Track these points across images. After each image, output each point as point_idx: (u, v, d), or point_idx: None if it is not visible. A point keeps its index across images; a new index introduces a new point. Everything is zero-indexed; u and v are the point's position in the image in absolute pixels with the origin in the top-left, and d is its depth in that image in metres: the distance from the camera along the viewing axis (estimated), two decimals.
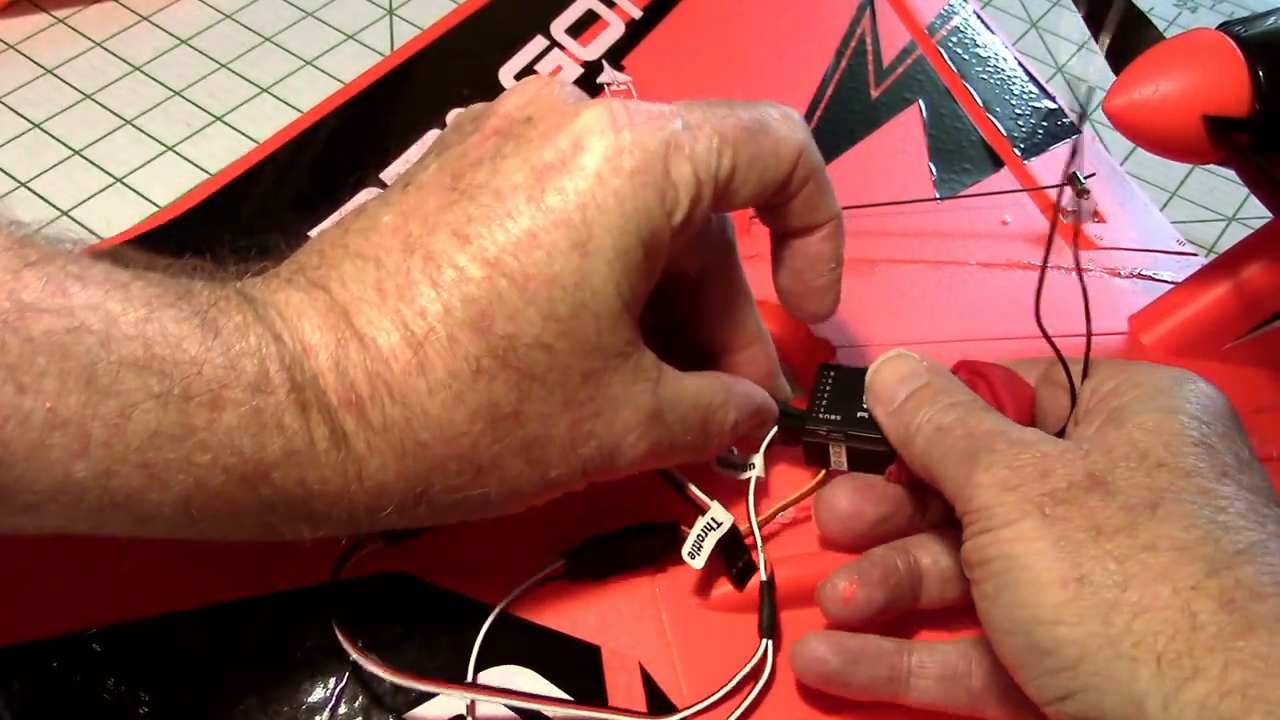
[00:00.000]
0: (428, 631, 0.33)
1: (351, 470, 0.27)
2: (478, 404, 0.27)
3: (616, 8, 0.57)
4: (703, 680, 0.33)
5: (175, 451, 0.24)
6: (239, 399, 0.25)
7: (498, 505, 0.30)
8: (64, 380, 0.23)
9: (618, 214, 0.28)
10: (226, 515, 0.26)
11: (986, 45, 0.61)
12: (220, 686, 0.31)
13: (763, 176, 0.31)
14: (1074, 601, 0.25)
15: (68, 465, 0.23)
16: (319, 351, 0.26)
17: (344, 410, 0.26)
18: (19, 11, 0.83)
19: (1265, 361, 0.46)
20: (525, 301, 0.27)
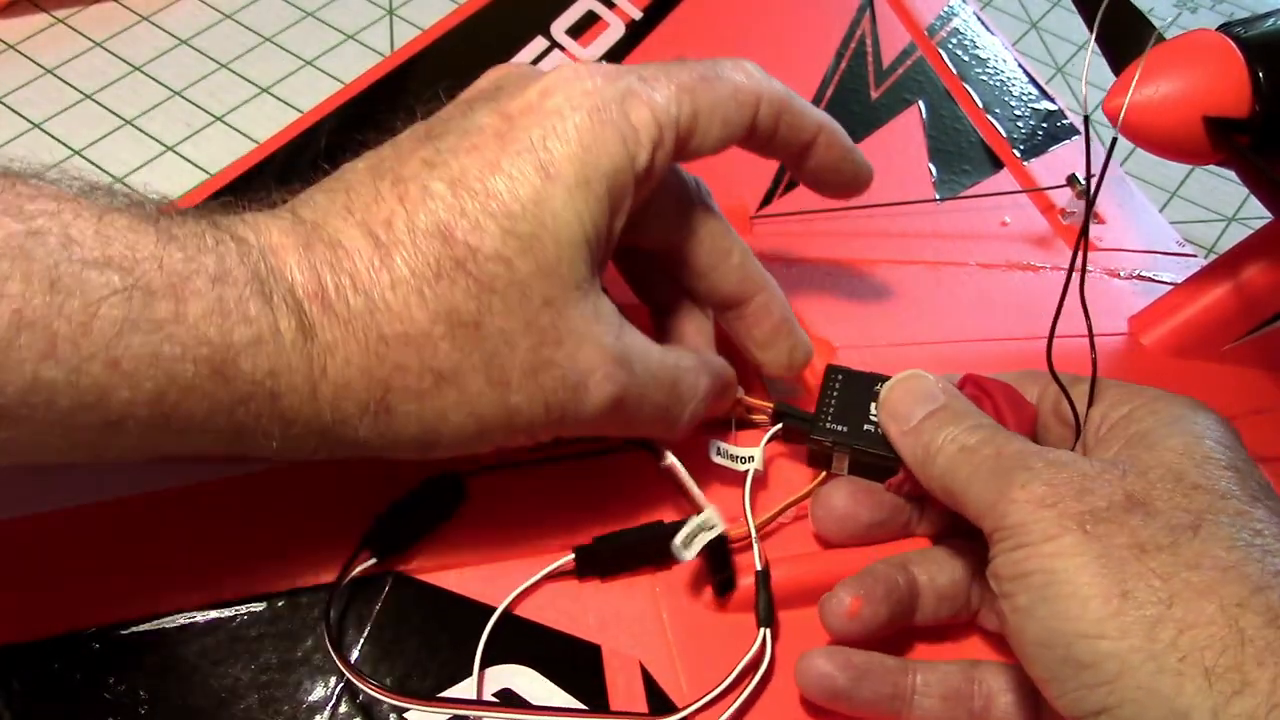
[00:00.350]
0: (428, 632, 0.33)
1: (318, 364, 0.27)
2: (438, 306, 0.28)
3: (616, 9, 0.57)
4: (703, 680, 0.33)
5: (143, 346, 0.25)
6: (201, 290, 0.26)
7: (459, 431, 0.29)
8: (28, 282, 0.23)
9: (579, 146, 0.29)
10: (199, 416, 0.26)
11: (986, 46, 0.61)
12: (220, 686, 0.31)
13: (726, 120, 0.33)
14: (1117, 616, 0.26)
15: (36, 366, 0.23)
16: (283, 251, 0.28)
17: (309, 301, 0.27)
18: (19, 11, 0.83)
19: (1265, 362, 0.46)
20: (487, 216, 0.28)
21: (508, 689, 0.32)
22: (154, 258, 0.25)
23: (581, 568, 0.34)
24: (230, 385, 0.26)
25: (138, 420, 0.25)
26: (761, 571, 0.34)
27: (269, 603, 0.33)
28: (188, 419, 0.26)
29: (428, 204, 0.28)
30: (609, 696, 0.33)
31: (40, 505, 0.33)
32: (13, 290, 0.23)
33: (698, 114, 0.32)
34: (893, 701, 0.32)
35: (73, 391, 0.24)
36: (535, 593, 0.34)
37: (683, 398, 0.33)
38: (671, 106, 0.31)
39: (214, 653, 0.32)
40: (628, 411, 0.32)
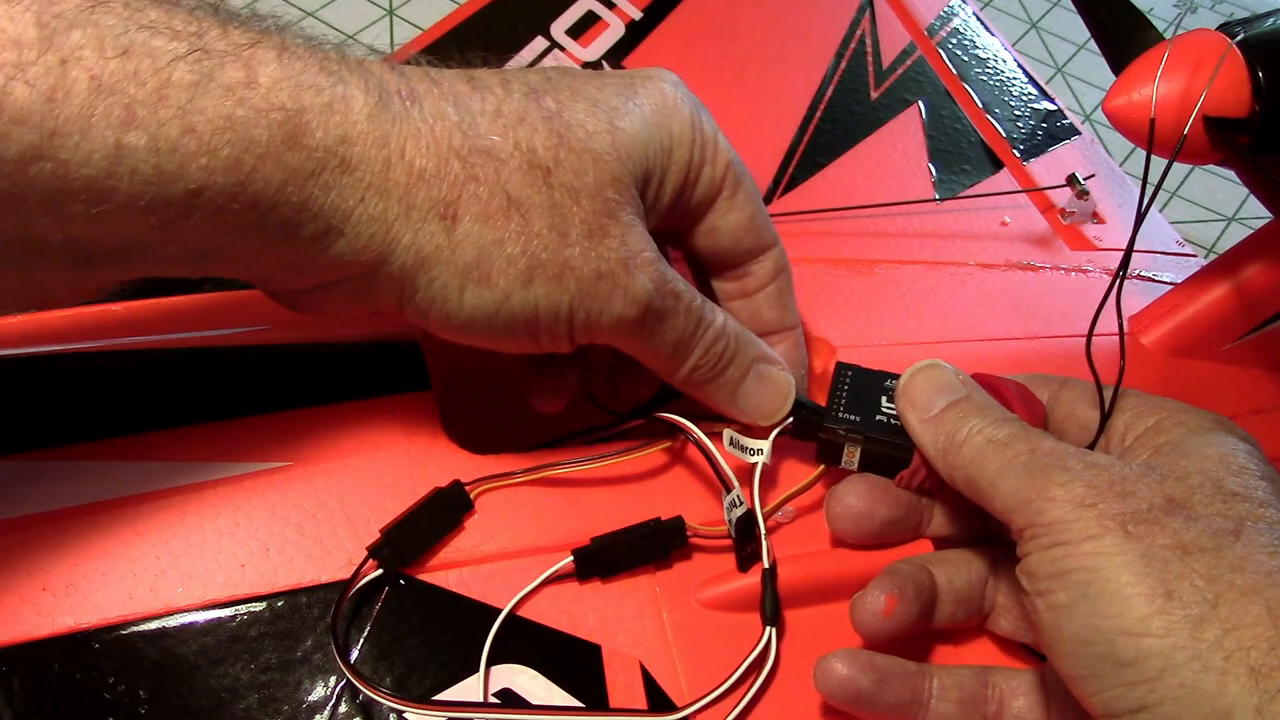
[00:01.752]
0: (429, 632, 0.33)
1: (396, 143, 0.28)
2: (519, 141, 0.30)
3: (616, 9, 0.57)
4: (703, 679, 0.33)
5: (216, 110, 0.25)
6: (268, 59, 0.26)
7: (512, 269, 0.30)
8: (101, 49, 0.24)
9: (658, 103, 0.32)
10: (274, 185, 0.26)
11: (986, 46, 0.61)
12: (220, 686, 0.31)
13: (754, 220, 0.35)
14: (1162, 614, 0.26)
15: (117, 132, 0.24)
16: (372, 62, 0.29)
17: (395, 94, 0.28)
18: None
19: (1265, 361, 0.46)
20: (577, 96, 0.31)
21: (508, 689, 0.32)
22: (219, 27, 0.26)
23: (581, 569, 0.34)
24: (303, 151, 0.27)
25: (216, 190, 0.26)
26: (769, 569, 0.34)
27: (269, 603, 0.33)
28: (262, 187, 0.26)
29: (523, 78, 0.31)
30: (609, 696, 0.32)
31: (40, 505, 0.33)
32: (88, 57, 0.24)
33: (739, 188, 0.34)
34: (911, 705, 0.32)
35: (153, 157, 0.25)
36: (536, 593, 0.34)
37: (702, 320, 0.34)
38: (730, 151, 0.34)
39: (214, 653, 0.32)
40: (665, 308, 0.32)
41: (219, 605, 0.32)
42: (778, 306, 0.36)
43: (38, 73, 0.23)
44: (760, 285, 0.36)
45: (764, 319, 0.37)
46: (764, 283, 0.36)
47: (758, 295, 0.36)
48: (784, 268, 0.36)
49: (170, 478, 0.34)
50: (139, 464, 0.34)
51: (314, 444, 0.35)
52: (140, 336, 0.37)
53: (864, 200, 0.50)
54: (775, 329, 0.37)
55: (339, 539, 0.34)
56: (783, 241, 0.37)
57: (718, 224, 0.34)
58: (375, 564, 0.33)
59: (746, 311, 0.37)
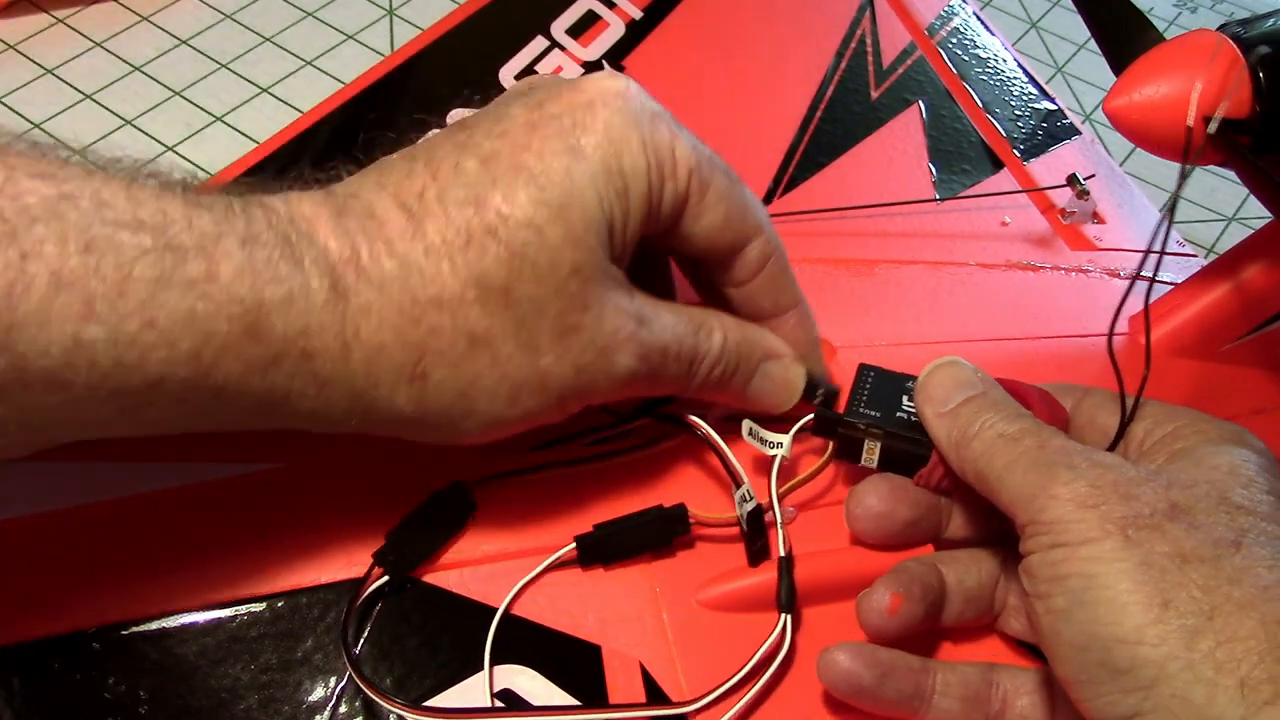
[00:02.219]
0: (429, 631, 0.33)
1: (351, 325, 0.28)
2: (469, 272, 0.29)
3: (617, 8, 0.57)
4: (703, 679, 0.33)
5: (178, 304, 0.25)
6: (231, 250, 0.26)
7: (493, 397, 0.30)
8: (63, 244, 0.24)
9: (606, 139, 0.30)
10: (235, 375, 0.27)
11: (986, 46, 0.61)
12: (220, 686, 0.31)
13: (727, 216, 0.33)
14: (1157, 624, 0.26)
15: (77, 326, 0.24)
16: (316, 220, 0.28)
17: (343, 266, 0.28)
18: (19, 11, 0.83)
19: (1265, 361, 0.46)
20: (517, 186, 0.29)
21: (508, 689, 0.32)
22: (184, 218, 0.26)
23: (584, 556, 0.34)
24: (263, 344, 0.27)
25: (176, 381, 0.26)
26: (784, 558, 0.34)
27: (269, 603, 0.33)
28: (224, 379, 0.27)
29: (459, 177, 0.29)
30: (609, 696, 0.33)
31: (40, 505, 0.33)
32: (49, 252, 0.24)
33: (707, 190, 0.33)
34: (913, 700, 0.32)
35: (113, 351, 0.25)
36: (536, 593, 0.34)
37: (699, 346, 0.34)
38: (693, 154, 0.32)
39: (214, 653, 0.32)
40: (652, 367, 0.32)
41: (219, 605, 0.32)
42: (772, 291, 0.36)
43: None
44: (750, 275, 0.36)
45: (761, 305, 0.36)
46: (753, 272, 0.36)
47: (750, 285, 0.36)
48: (772, 253, 0.36)
49: (170, 478, 0.34)
50: (139, 464, 0.34)
51: (313, 444, 0.35)
52: None
53: (864, 200, 0.50)
54: (775, 312, 0.37)
55: (339, 539, 0.34)
56: (783, 242, 0.37)
57: (690, 230, 0.33)
58: (381, 570, 0.33)
59: (743, 298, 0.36)
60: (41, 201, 0.24)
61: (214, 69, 0.81)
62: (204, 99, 0.79)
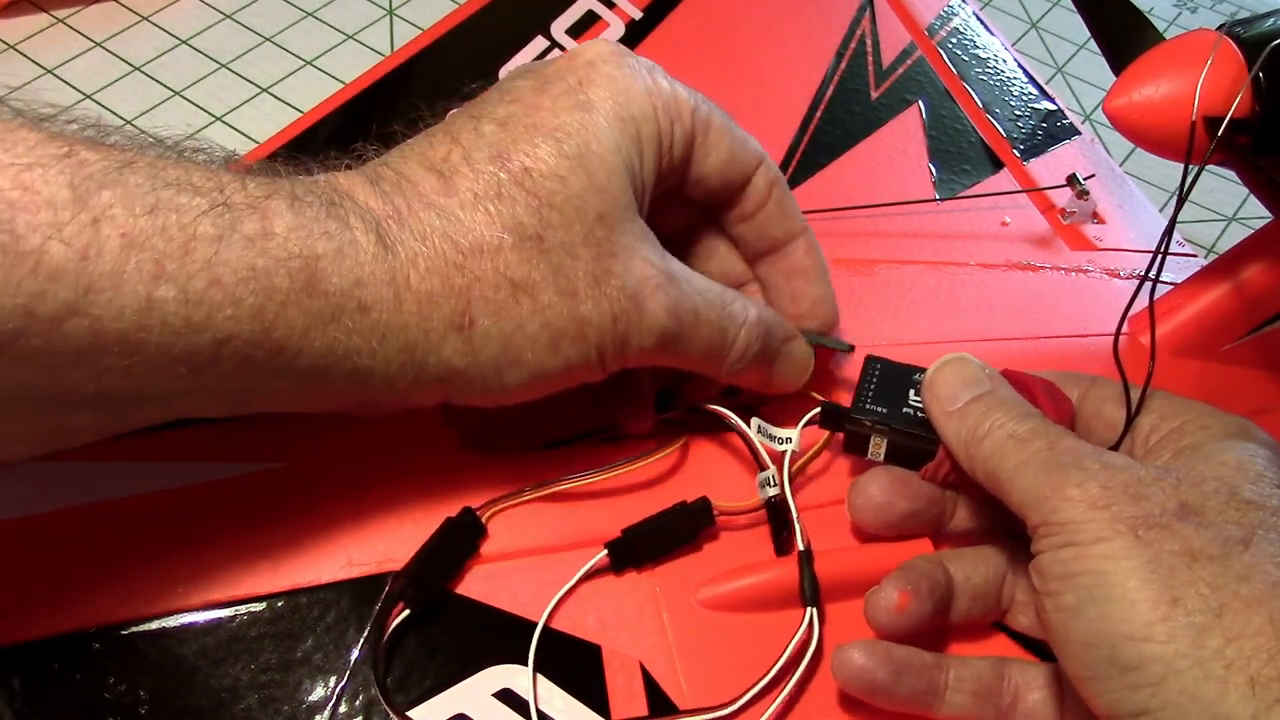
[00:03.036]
0: (431, 632, 0.33)
1: (400, 275, 0.29)
2: (504, 220, 0.30)
3: (616, 8, 0.57)
4: (703, 679, 0.33)
5: (239, 260, 0.26)
6: (281, 210, 0.28)
7: (535, 344, 0.31)
8: (130, 207, 0.25)
9: (611, 90, 0.32)
10: (298, 330, 0.28)
11: (986, 46, 0.61)
12: (220, 686, 0.31)
13: (732, 153, 0.35)
14: (1165, 621, 0.26)
15: (148, 286, 0.25)
16: (352, 187, 0.30)
17: (385, 221, 0.29)
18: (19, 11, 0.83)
19: (1265, 361, 0.46)
20: (537, 140, 0.31)
21: (508, 689, 0.32)
22: (236, 181, 0.27)
23: (616, 561, 0.34)
24: (321, 297, 0.28)
25: (242, 339, 0.27)
26: (804, 552, 0.34)
27: (269, 603, 0.33)
28: (286, 335, 0.27)
29: (480, 139, 0.31)
30: (609, 696, 0.33)
31: (40, 505, 0.33)
32: (118, 215, 0.25)
33: (710, 127, 0.34)
34: (926, 696, 0.32)
35: (183, 309, 0.26)
36: (536, 593, 0.34)
37: (733, 320, 0.34)
38: (690, 97, 0.34)
39: (214, 653, 0.32)
40: (684, 329, 0.33)
41: (219, 605, 0.32)
42: (781, 217, 0.37)
43: (72, 232, 0.24)
44: (758, 205, 0.36)
45: (771, 235, 0.37)
46: (761, 202, 0.36)
47: (758, 215, 0.37)
48: (776, 179, 0.37)
49: (170, 478, 0.34)
50: (139, 464, 0.34)
51: (313, 444, 0.35)
52: None
53: (864, 200, 0.50)
54: (787, 239, 0.37)
55: (339, 539, 0.34)
56: None
57: (701, 168, 0.34)
58: (403, 605, 0.33)
59: (753, 232, 0.37)
60: (104, 169, 0.25)
61: (214, 69, 0.81)
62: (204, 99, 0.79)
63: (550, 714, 0.32)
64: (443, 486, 0.35)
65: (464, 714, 0.32)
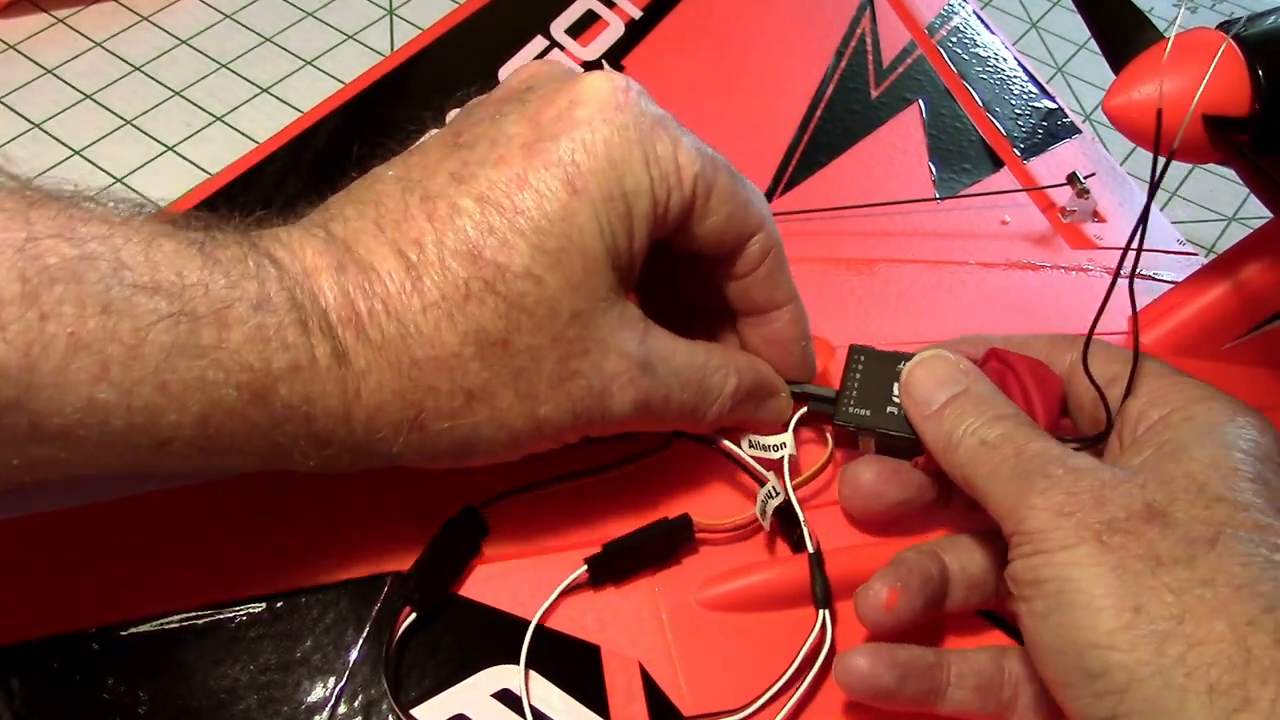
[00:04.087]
0: (431, 632, 0.33)
1: (351, 387, 0.28)
2: (467, 327, 0.29)
3: (616, 8, 0.57)
4: (702, 679, 0.33)
5: (189, 370, 0.26)
6: (244, 317, 0.26)
7: (492, 443, 0.30)
8: (81, 306, 0.24)
9: (605, 161, 0.29)
10: (240, 435, 0.27)
11: (986, 45, 0.61)
12: (220, 687, 0.31)
13: (731, 217, 0.33)
14: (1128, 629, 0.26)
15: (91, 388, 0.24)
16: (318, 274, 0.28)
17: (343, 327, 0.28)
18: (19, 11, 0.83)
19: (1265, 361, 0.46)
20: (515, 234, 0.29)
21: (507, 689, 0.32)
22: (200, 284, 0.26)
23: (595, 576, 0.34)
24: (268, 410, 0.27)
25: (184, 441, 0.26)
26: (814, 554, 0.34)
27: (268, 603, 0.33)
28: (229, 440, 0.27)
29: (456, 222, 0.29)
30: (608, 697, 0.33)
31: (40, 505, 0.33)
32: (68, 313, 0.24)
33: (712, 192, 0.32)
34: (928, 695, 0.32)
35: (125, 413, 0.25)
36: (535, 593, 0.34)
37: (709, 394, 0.34)
38: (697, 159, 0.31)
39: (214, 653, 0.32)
40: (653, 411, 0.32)
41: (219, 605, 0.32)
42: (769, 286, 0.36)
43: (17, 330, 0.23)
44: (750, 268, 0.36)
45: (757, 300, 0.36)
46: (753, 265, 0.35)
47: (746, 279, 0.36)
48: (771, 248, 0.35)
49: (170, 478, 0.34)
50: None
51: None
52: None
53: (864, 200, 0.50)
54: (770, 307, 0.37)
55: (339, 539, 0.34)
56: (783, 241, 0.37)
57: (695, 230, 0.33)
58: (410, 609, 0.33)
59: (740, 291, 0.36)
60: (61, 262, 0.24)
61: (214, 69, 0.81)
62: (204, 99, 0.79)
63: (549, 714, 0.32)
64: (443, 486, 0.35)
65: (464, 714, 0.32)
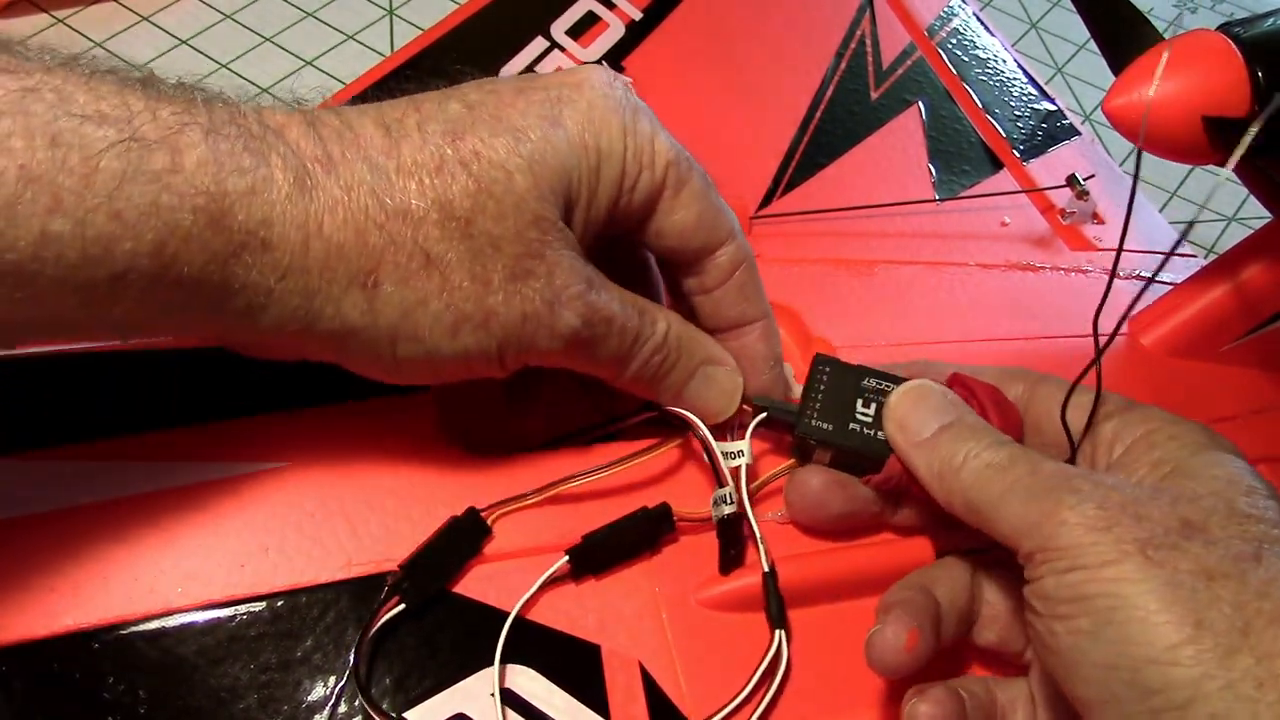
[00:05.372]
0: (428, 631, 0.33)
1: (315, 219, 0.28)
2: (436, 195, 0.29)
3: (616, 9, 0.57)
4: (702, 679, 0.33)
5: (142, 196, 0.25)
6: (195, 142, 0.27)
7: (435, 326, 0.30)
8: (30, 138, 0.24)
9: (586, 114, 0.32)
10: (197, 265, 0.27)
11: (986, 47, 0.61)
12: (220, 686, 0.31)
13: (700, 217, 0.34)
14: (1191, 644, 0.26)
15: (44, 220, 0.24)
16: (288, 127, 0.29)
17: (311, 164, 0.29)
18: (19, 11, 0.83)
19: (1265, 361, 0.46)
20: (494, 134, 0.30)
21: (508, 689, 0.32)
22: (147, 111, 0.26)
23: (577, 568, 0.34)
24: (225, 234, 0.27)
25: (140, 273, 0.26)
26: (768, 573, 0.34)
27: (268, 603, 0.33)
28: (186, 270, 0.27)
29: (442, 113, 0.31)
30: (608, 696, 0.33)
31: (40, 505, 0.33)
32: (16, 146, 0.24)
33: (684, 187, 0.33)
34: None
35: (79, 243, 0.25)
36: (536, 593, 0.34)
37: (645, 329, 0.34)
38: (672, 150, 0.33)
39: (214, 653, 0.32)
40: (595, 335, 0.32)
41: (218, 605, 0.32)
42: (739, 301, 0.36)
43: None
44: (719, 281, 0.36)
45: (726, 315, 0.36)
46: (722, 279, 0.36)
47: (717, 291, 0.36)
48: (743, 261, 0.36)
49: (170, 478, 0.34)
50: (139, 464, 0.34)
51: (313, 444, 0.35)
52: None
53: (864, 200, 0.50)
54: (739, 323, 0.37)
55: (338, 539, 0.34)
56: (783, 241, 0.37)
57: (662, 225, 0.34)
58: (398, 599, 0.33)
59: (709, 306, 0.36)
60: (5, 95, 0.24)
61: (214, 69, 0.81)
62: None
63: (550, 714, 0.32)
64: (443, 487, 0.35)
65: (463, 714, 0.32)
